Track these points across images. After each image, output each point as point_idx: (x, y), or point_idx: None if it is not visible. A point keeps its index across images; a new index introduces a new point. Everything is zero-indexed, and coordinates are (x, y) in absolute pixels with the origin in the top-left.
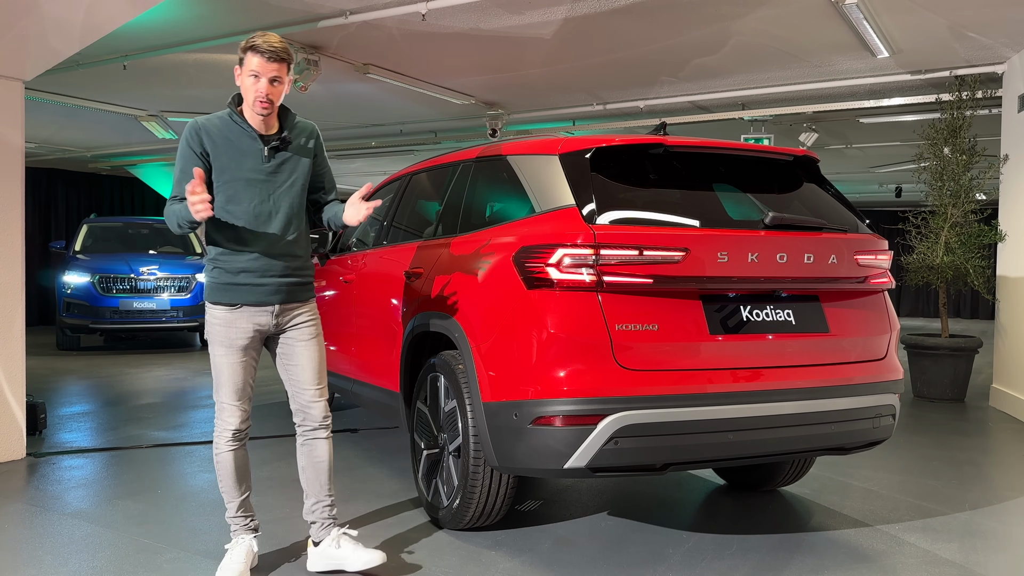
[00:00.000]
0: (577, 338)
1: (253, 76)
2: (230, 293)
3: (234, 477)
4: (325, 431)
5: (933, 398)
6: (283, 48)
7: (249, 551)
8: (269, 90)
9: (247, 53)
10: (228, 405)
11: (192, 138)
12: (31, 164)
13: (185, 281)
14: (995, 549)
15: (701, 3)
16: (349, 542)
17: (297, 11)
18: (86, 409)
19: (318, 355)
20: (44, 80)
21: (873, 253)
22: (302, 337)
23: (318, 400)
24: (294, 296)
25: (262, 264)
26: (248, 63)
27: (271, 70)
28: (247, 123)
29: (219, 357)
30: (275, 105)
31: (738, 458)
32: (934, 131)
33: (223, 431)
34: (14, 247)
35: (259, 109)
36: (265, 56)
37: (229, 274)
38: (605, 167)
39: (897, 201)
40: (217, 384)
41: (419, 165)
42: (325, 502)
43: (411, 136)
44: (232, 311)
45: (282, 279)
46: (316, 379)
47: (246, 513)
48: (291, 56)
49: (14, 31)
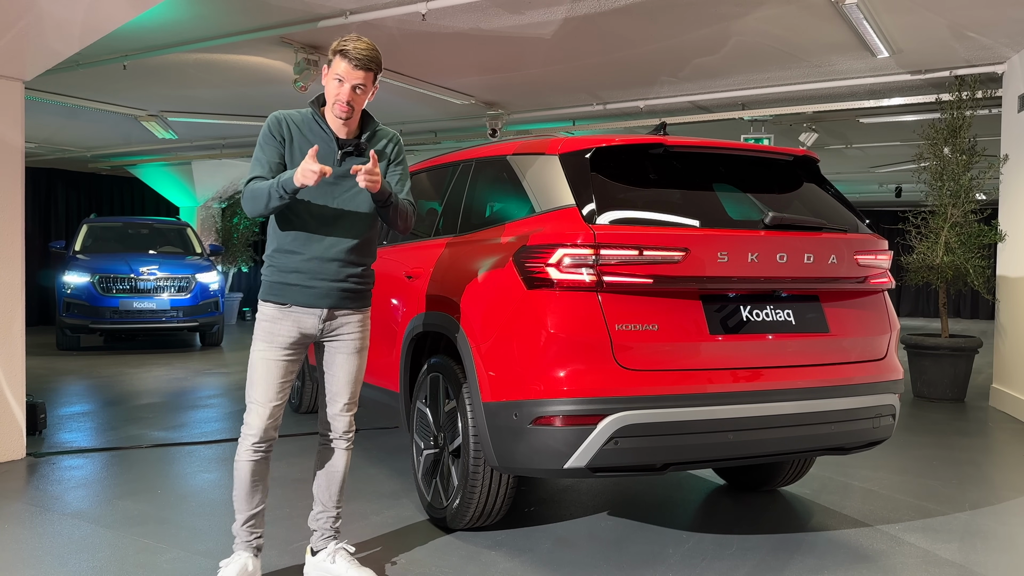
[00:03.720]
0: (577, 338)
1: (338, 80)
2: (281, 292)
3: (248, 488)
4: (346, 443)
5: (933, 398)
6: (372, 57)
7: (243, 570)
8: (351, 96)
9: (336, 56)
10: (257, 405)
11: (275, 125)
12: (31, 164)
13: (185, 281)
14: (995, 549)
15: (701, 3)
16: (345, 558)
17: (297, 11)
18: (86, 409)
19: (356, 370)
20: (44, 80)
21: (873, 253)
22: (345, 349)
23: (345, 414)
24: (345, 303)
25: (315, 267)
26: (335, 66)
27: (356, 77)
28: (326, 124)
29: (257, 353)
30: (355, 111)
31: (738, 458)
32: (934, 131)
33: (246, 436)
34: (14, 247)
35: (338, 112)
36: (352, 63)
37: (282, 273)
38: (605, 167)
39: (897, 201)
40: (250, 382)
41: (419, 165)
42: (331, 513)
43: (411, 136)
44: (280, 309)
45: (334, 283)
46: (348, 393)
47: (253, 529)
48: (379, 66)
49: (14, 31)
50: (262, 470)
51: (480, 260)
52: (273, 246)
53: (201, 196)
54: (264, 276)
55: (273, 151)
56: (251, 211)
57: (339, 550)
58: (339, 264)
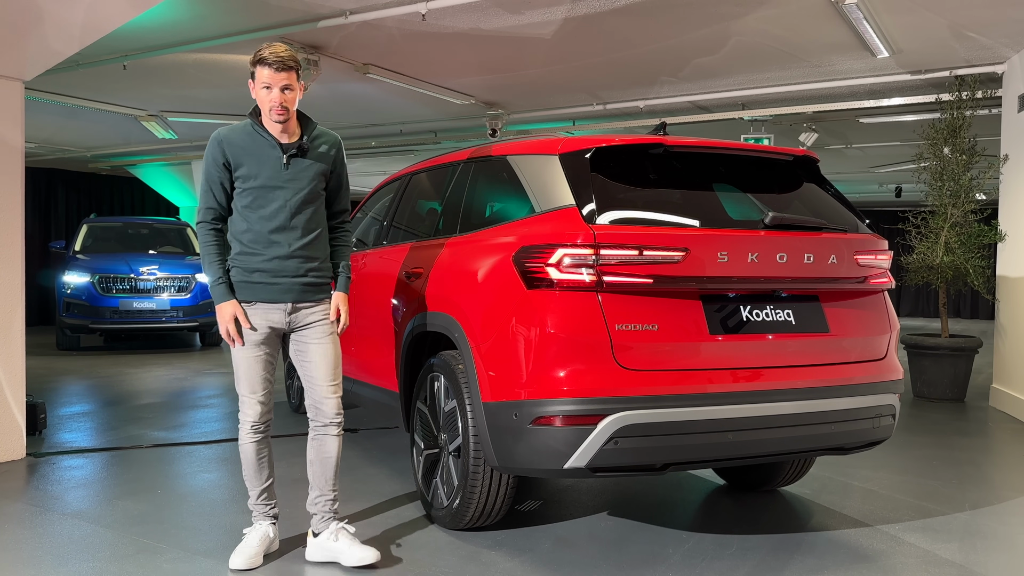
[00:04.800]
0: (577, 338)
1: (265, 88)
2: (246, 291)
3: (255, 466)
4: (336, 428)
5: (933, 398)
6: (290, 56)
7: (264, 537)
8: (282, 98)
9: (256, 66)
10: (247, 398)
11: (215, 150)
12: (31, 164)
13: (185, 281)
14: (995, 549)
15: (701, 3)
16: (346, 537)
17: (297, 11)
18: (86, 409)
19: (332, 353)
20: (44, 80)
21: (873, 253)
22: (315, 336)
23: (330, 396)
24: (307, 296)
25: (276, 265)
26: (259, 76)
27: (281, 79)
28: (267, 132)
29: (237, 352)
30: (291, 111)
31: (738, 458)
32: (934, 131)
33: (244, 423)
34: (14, 247)
35: (276, 117)
36: (273, 67)
37: (245, 272)
38: (605, 167)
39: (897, 201)
40: (237, 378)
41: (419, 165)
42: (328, 496)
43: (411, 136)
44: (248, 308)
45: (295, 279)
46: (330, 376)
47: (267, 501)
48: (299, 63)
49: (14, 31)
50: (264, 448)
51: (480, 260)
52: (236, 249)
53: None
54: (232, 277)
55: (218, 181)
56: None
57: (340, 529)
58: (298, 261)
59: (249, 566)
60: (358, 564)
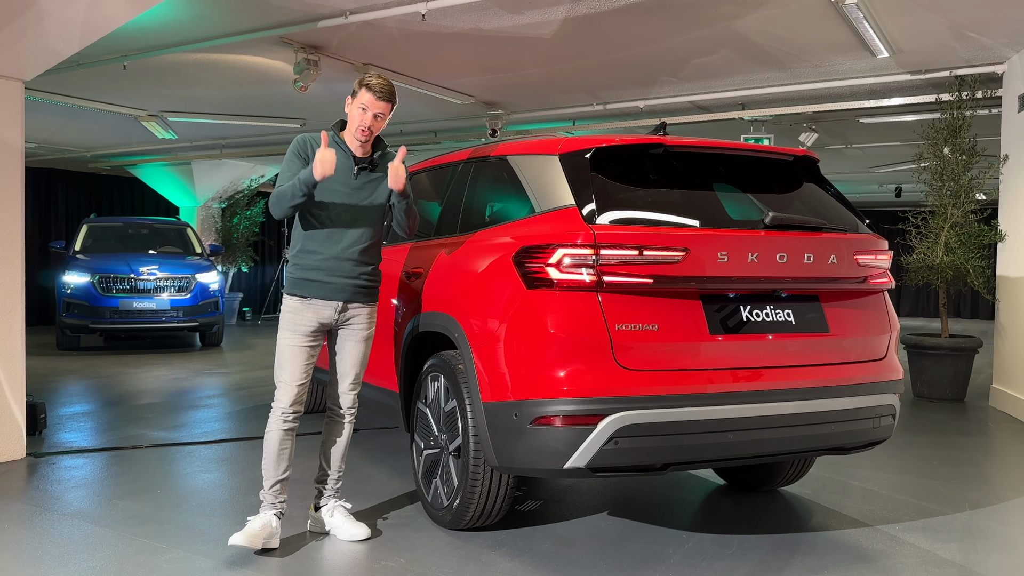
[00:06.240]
0: (577, 338)
1: (361, 109)
2: (303, 287)
3: (276, 456)
4: (350, 417)
5: (933, 398)
6: (392, 92)
7: (267, 525)
8: (372, 123)
9: (362, 88)
10: (286, 384)
11: (300, 145)
12: (31, 164)
13: (185, 281)
14: (995, 549)
15: (701, 3)
16: (343, 514)
17: (297, 11)
18: (86, 409)
19: (363, 354)
20: (44, 80)
21: (873, 253)
22: (354, 337)
23: (350, 392)
24: (358, 297)
25: (332, 265)
26: (360, 96)
27: (378, 107)
28: (346, 144)
29: (283, 340)
30: (373, 135)
31: (738, 458)
32: (934, 131)
33: (276, 409)
34: (14, 247)
35: (359, 136)
36: (376, 95)
37: (304, 270)
38: (605, 167)
39: (897, 201)
40: (279, 366)
41: (419, 165)
42: (333, 476)
43: (411, 136)
44: (302, 302)
45: (348, 280)
46: (354, 375)
47: (279, 495)
48: (396, 99)
49: (14, 31)
50: (288, 440)
51: (480, 260)
52: (297, 247)
53: (201, 196)
54: (288, 273)
55: (297, 168)
56: (277, 211)
57: (338, 507)
58: (353, 263)
59: (249, 544)
60: (349, 539)
